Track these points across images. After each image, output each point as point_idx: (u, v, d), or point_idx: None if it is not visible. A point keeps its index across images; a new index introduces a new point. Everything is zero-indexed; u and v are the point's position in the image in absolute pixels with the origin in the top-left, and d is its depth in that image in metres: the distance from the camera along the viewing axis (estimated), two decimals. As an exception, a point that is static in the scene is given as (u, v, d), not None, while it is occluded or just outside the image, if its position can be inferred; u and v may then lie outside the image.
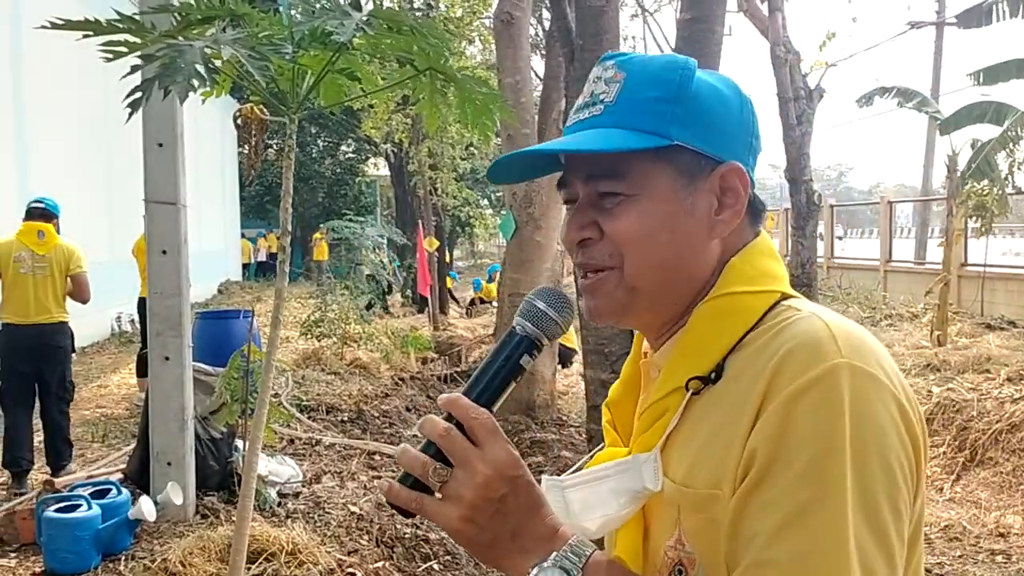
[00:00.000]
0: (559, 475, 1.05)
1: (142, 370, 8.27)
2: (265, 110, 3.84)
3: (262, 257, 30.06)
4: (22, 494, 5.62)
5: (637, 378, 1.09)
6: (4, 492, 5.84)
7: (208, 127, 20.35)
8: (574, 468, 1.14)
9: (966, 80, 13.79)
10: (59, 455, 6.16)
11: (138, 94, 2.86)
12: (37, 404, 6.25)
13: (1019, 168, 12.26)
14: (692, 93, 0.97)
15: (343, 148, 33.53)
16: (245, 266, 28.51)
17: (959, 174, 11.74)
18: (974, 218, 12.49)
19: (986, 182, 12.03)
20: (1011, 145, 12.25)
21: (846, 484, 0.80)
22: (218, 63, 2.98)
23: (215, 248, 22.27)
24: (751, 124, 1.02)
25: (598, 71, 1.02)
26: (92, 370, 10.93)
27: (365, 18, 2.97)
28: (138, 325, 10.48)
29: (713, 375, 0.92)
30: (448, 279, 20.10)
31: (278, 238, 3.39)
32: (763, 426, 0.84)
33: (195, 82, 2.78)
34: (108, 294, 12.18)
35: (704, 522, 0.89)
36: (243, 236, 28.96)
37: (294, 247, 27.49)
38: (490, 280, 19.84)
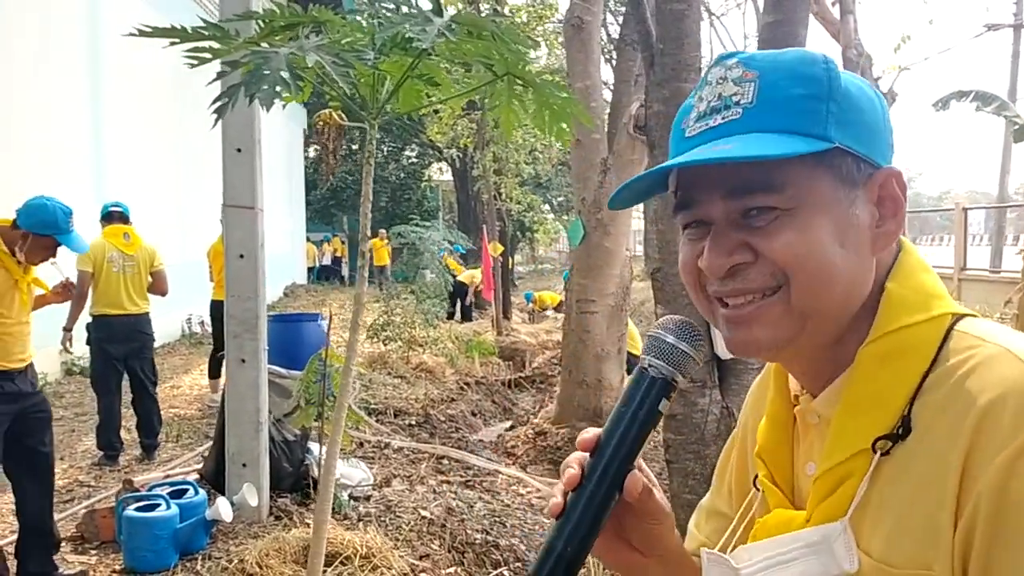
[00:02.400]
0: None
1: (214, 371, 8.46)
2: (343, 116, 3.88)
3: (326, 261, 30.31)
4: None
5: (787, 421, 0.96)
6: (85, 490, 5.97)
7: (275, 131, 20.63)
8: (728, 534, 1.01)
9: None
10: (154, 432, 6.83)
11: (223, 100, 2.90)
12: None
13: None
14: (844, 89, 0.84)
15: (407, 153, 33.79)
16: (309, 269, 28.88)
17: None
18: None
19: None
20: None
21: None
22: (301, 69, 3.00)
23: (282, 251, 22.57)
24: (890, 125, 0.90)
25: (719, 71, 0.88)
26: (164, 370, 11.10)
27: (447, 24, 2.96)
28: (208, 327, 10.65)
29: (900, 430, 0.80)
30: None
31: (343, 242, 3.41)
32: (981, 505, 0.73)
33: (279, 89, 2.80)
34: (180, 296, 12.39)
35: None
36: (308, 240, 29.34)
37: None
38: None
